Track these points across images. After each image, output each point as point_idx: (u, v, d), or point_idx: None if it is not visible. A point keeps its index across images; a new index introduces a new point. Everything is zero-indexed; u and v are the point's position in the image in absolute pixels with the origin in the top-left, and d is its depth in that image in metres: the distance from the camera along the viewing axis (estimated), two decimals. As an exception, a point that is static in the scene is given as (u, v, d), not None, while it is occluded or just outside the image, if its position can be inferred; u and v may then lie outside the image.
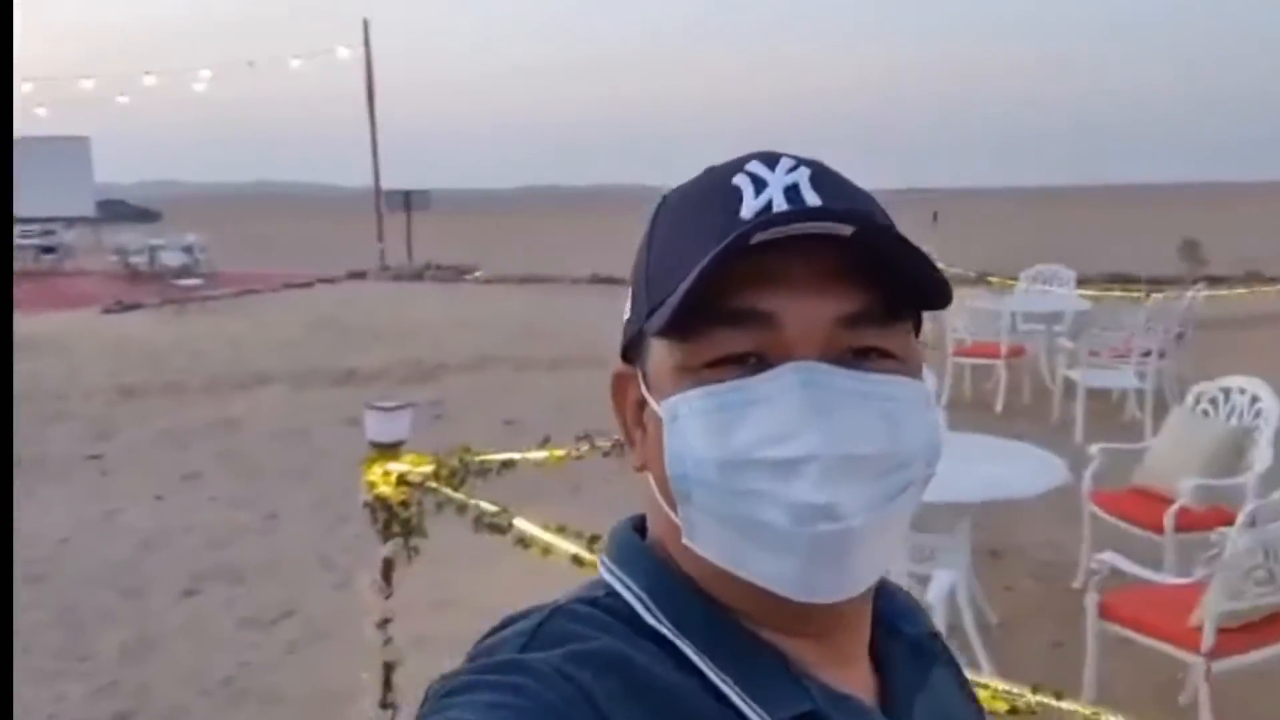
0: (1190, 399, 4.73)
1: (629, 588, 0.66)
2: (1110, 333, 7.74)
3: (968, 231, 27.92)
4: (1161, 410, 7.56)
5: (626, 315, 0.70)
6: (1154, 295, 10.31)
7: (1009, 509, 4.92)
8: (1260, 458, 4.26)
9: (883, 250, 0.61)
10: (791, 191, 0.64)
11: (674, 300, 0.61)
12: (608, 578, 0.68)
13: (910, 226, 0.76)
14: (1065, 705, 2.27)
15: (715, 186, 0.66)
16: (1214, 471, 4.27)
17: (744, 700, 0.61)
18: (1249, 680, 3.32)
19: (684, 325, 0.61)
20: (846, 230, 0.59)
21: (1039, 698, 2.50)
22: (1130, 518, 4.48)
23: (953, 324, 8.96)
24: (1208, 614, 3.14)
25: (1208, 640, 3.15)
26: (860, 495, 0.60)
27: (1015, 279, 11.22)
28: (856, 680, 0.68)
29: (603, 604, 0.66)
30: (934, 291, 0.63)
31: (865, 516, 0.60)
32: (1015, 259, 14.46)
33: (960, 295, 9.29)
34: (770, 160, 0.66)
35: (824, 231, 0.59)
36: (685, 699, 0.61)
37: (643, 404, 0.68)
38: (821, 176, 0.66)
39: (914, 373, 0.65)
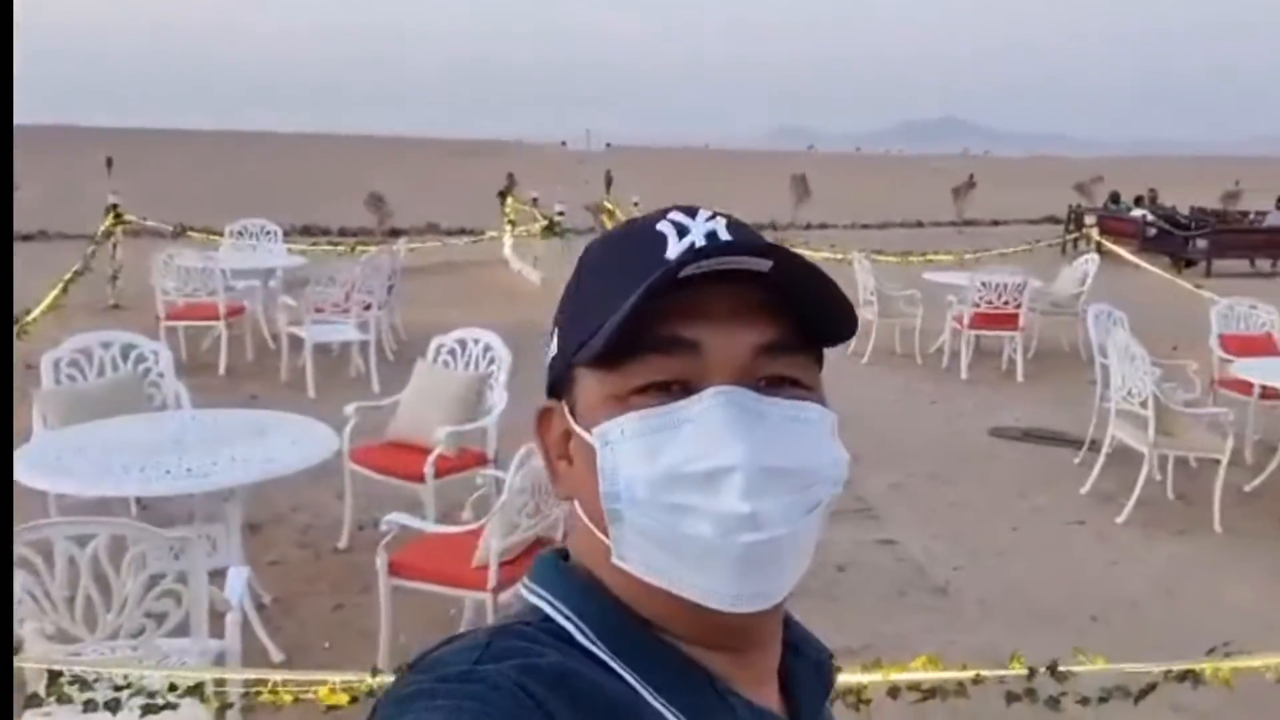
0: (431, 351, 5.04)
1: (560, 611, 0.69)
2: (331, 288, 7.91)
3: (147, 178, 26.26)
4: (383, 361, 8.02)
5: (551, 354, 0.74)
6: (360, 248, 10.84)
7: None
8: (497, 400, 4.74)
9: (797, 284, 0.66)
10: (711, 236, 0.70)
11: (609, 328, 0.65)
12: (535, 601, 0.71)
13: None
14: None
15: (639, 234, 0.72)
16: (460, 418, 4.63)
17: (676, 717, 0.66)
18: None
19: (615, 354, 0.66)
20: (765, 265, 0.65)
21: (381, 679, 2.44)
22: (390, 471, 4.65)
23: (162, 285, 8.32)
24: (492, 553, 3.40)
25: (494, 577, 3.41)
26: (780, 507, 0.64)
27: (219, 233, 10.84)
28: (769, 698, 0.72)
29: (539, 626, 0.68)
30: (843, 320, 0.69)
31: (786, 527, 0.65)
32: (200, 210, 14.00)
33: (165, 252, 8.65)
34: (690, 211, 0.72)
35: (744, 266, 0.65)
36: (629, 713, 0.64)
37: (568, 436, 0.72)
38: (736, 226, 0.72)
39: (822, 401, 0.70)
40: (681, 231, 0.70)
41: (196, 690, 2.47)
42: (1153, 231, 17.79)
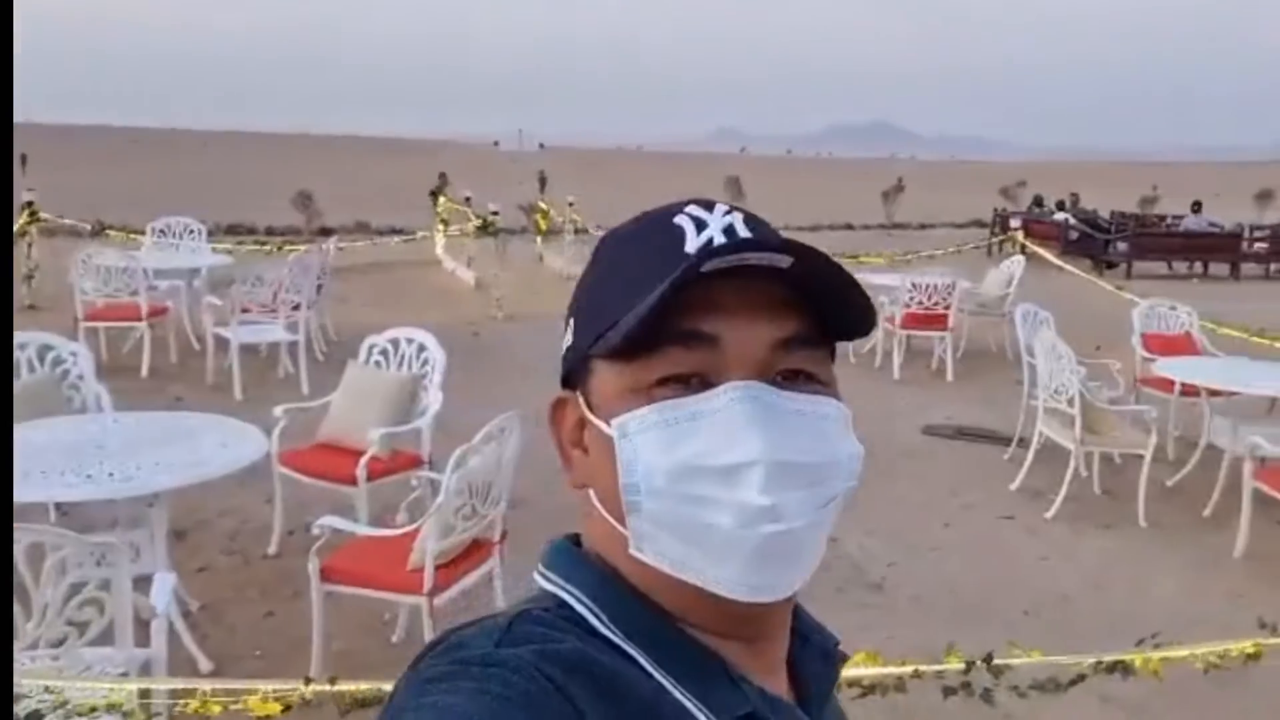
0: (363, 352, 4.94)
1: (577, 598, 0.70)
2: (258, 288, 7.73)
3: (65, 175, 25.44)
4: (313, 362, 7.86)
5: (566, 345, 0.75)
6: (287, 248, 10.62)
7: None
8: (432, 401, 4.66)
9: (816, 279, 0.67)
10: (729, 230, 0.71)
11: (630, 321, 0.65)
12: (550, 589, 0.71)
13: None
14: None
15: (657, 226, 0.73)
16: (393, 419, 4.54)
17: (693, 703, 0.66)
18: (457, 610, 3.62)
19: (634, 347, 0.67)
20: (786, 261, 0.65)
21: (314, 688, 2.38)
22: (321, 474, 4.55)
23: (80, 284, 8.05)
24: (428, 556, 3.34)
25: (429, 581, 3.35)
26: (797, 500, 0.65)
27: (141, 232, 10.53)
28: (779, 686, 0.73)
29: (557, 612, 0.69)
30: (861, 317, 0.70)
31: (803, 520, 0.65)
32: (121, 209, 13.60)
33: (84, 251, 8.37)
34: (707, 205, 0.73)
35: (766, 262, 0.65)
36: (646, 699, 0.65)
37: (583, 425, 0.73)
38: (752, 220, 0.73)
39: (837, 396, 0.71)
40: (700, 225, 0.71)
41: (117, 707, 2.37)
42: (1075, 235, 18.26)
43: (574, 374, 0.74)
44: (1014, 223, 14.68)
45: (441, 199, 15.37)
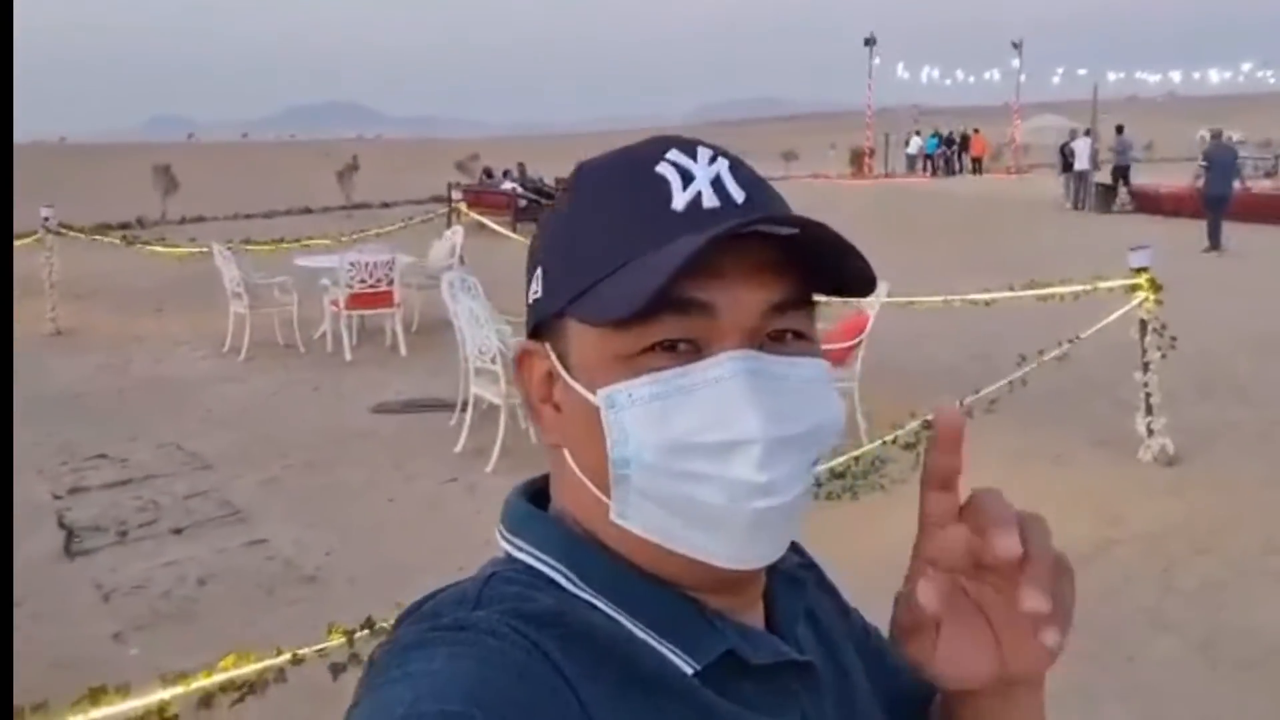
0: None
1: (547, 563, 0.68)
2: None
3: None
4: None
5: (536, 294, 0.70)
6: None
7: None
8: None
9: (813, 244, 0.64)
10: (717, 183, 0.67)
11: (632, 297, 0.61)
12: (516, 554, 0.69)
13: None
14: None
15: (638, 174, 0.67)
16: None
17: (670, 649, 0.65)
18: None
19: (640, 316, 0.62)
20: (792, 231, 0.63)
21: None
22: None
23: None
24: None
25: None
26: (789, 471, 0.63)
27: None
28: (756, 618, 0.72)
29: (527, 571, 0.67)
30: (859, 278, 0.66)
31: (796, 489, 0.64)
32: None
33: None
34: (689, 149, 0.68)
35: (770, 231, 0.62)
36: (623, 649, 0.64)
37: (552, 379, 0.69)
38: (737, 168, 0.68)
39: (819, 350, 0.69)
40: (686, 177, 0.66)
41: None
42: (524, 202, 19.38)
43: (543, 326, 0.69)
44: (455, 195, 15.12)
45: None
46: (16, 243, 12.43)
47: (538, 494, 0.73)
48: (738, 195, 0.66)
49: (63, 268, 10.46)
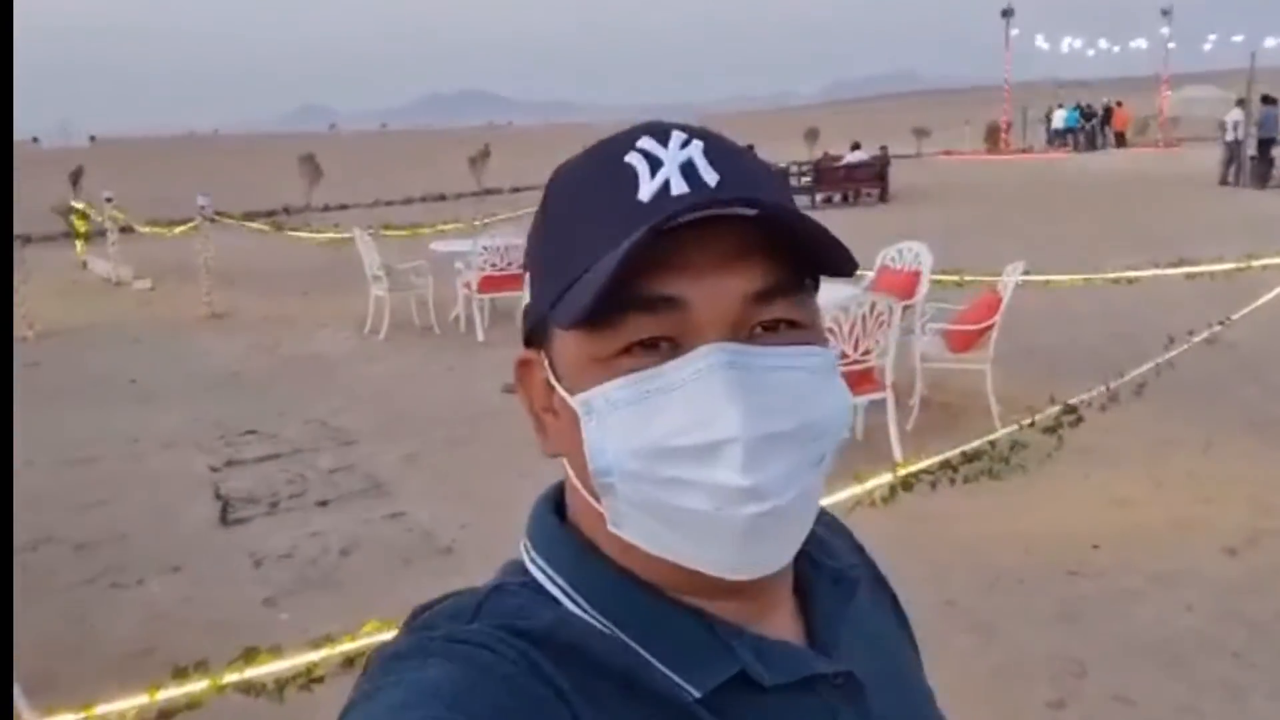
0: None
1: (551, 579, 0.66)
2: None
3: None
4: None
5: (526, 300, 0.68)
6: None
7: None
8: None
9: (783, 225, 0.60)
10: (688, 168, 0.62)
11: (585, 299, 0.58)
12: (531, 568, 0.67)
13: None
14: None
15: (607, 166, 0.64)
16: None
17: (673, 673, 0.62)
18: None
19: (593, 317, 0.59)
20: (750, 212, 0.59)
21: None
22: None
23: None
24: None
25: None
26: (782, 472, 0.59)
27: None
28: (783, 621, 0.68)
29: (532, 587, 0.66)
30: (838, 260, 0.62)
31: (790, 492, 0.60)
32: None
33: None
34: (662, 135, 0.64)
35: (728, 213, 0.59)
36: (622, 669, 0.61)
37: (551, 389, 0.66)
38: (714, 149, 0.64)
39: (820, 338, 0.65)
40: (654, 165, 0.62)
41: None
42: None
43: (536, 332, 0.67)
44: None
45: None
46: (176, 230, 13.23)
47: (562, 503, 0.70)
48: (710, 178, 0.62)
49: (216, 254, 11.03)
